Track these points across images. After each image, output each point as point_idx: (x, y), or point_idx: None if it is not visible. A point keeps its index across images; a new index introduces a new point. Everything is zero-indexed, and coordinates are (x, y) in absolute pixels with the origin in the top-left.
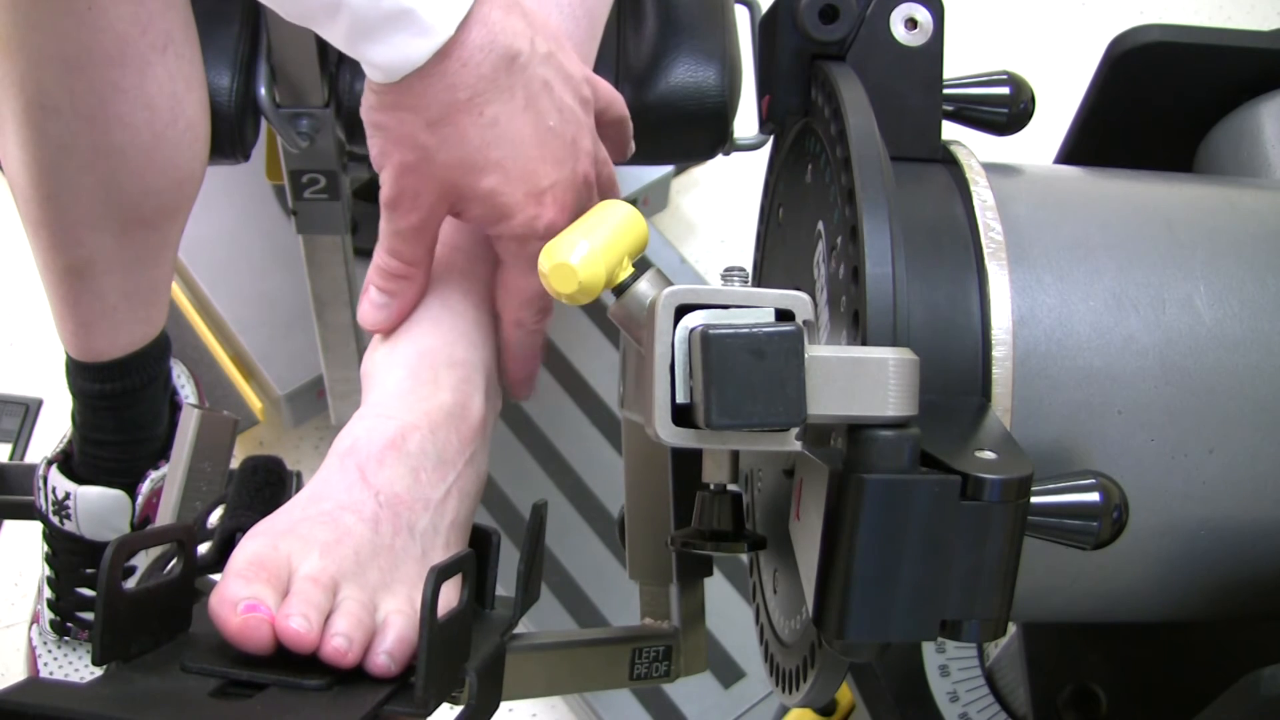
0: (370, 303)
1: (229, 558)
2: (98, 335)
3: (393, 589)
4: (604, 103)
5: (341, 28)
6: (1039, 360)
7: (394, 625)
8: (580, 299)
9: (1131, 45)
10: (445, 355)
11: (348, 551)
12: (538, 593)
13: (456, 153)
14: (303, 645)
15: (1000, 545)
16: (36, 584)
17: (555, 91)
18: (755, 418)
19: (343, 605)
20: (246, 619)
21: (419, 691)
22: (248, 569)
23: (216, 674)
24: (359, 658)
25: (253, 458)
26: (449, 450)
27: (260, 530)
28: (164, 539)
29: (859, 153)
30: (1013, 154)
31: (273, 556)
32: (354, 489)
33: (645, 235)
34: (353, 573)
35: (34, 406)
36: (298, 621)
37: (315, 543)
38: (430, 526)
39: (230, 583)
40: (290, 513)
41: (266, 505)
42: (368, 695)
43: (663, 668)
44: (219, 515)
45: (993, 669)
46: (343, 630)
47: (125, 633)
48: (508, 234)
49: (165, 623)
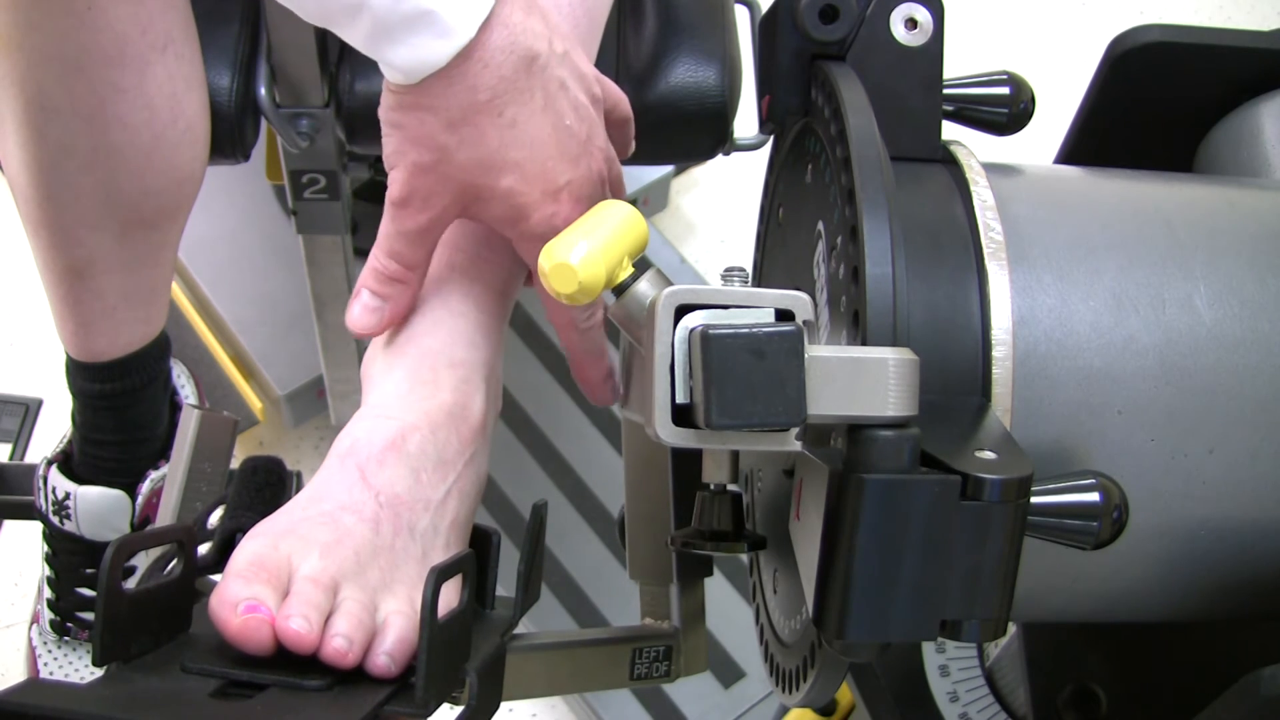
0: (363, 306)
1: (229, 558)
2: (98, 335)
3: (393, 589)
4: (611, 101)
5: (362, 29)
6: (1039, 360)
7: (394, 626)
8: (580, 299)
9: (1131, 45)
10: (445, 356)
11: (348, 552)
12: (538, 593)
13: (475, 153)
14: (303, 646)
15: (1000, 545)
16: (36, 584)
17: (571, 91)
18: (755, 418)
19: (343, 606)
20: (247, 620)
21: (419, 692)
22: (248, 570)
23: (216, 674)
24: (359, 658)
25: (253, 458)
26: (449, 451)
27: (260, 531)
28: (164, 540)
29: (859, 153)
30: (1013, 154)
31: (273, 557)
32: (354, 490)
33: (645, 235)
34: (353, 573)
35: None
36: (298, 622)
37: (315, 543)
38: (430, 527)
39: (230, 583)
40: (290, 513)
41: (267, 506)
42: (368, 695)
43: (663, 668)
44: (219, 516)
45: (993, 669)
46: (343, 631)
47: (125, 633)
48: (527, 233)
49: (165, 623)
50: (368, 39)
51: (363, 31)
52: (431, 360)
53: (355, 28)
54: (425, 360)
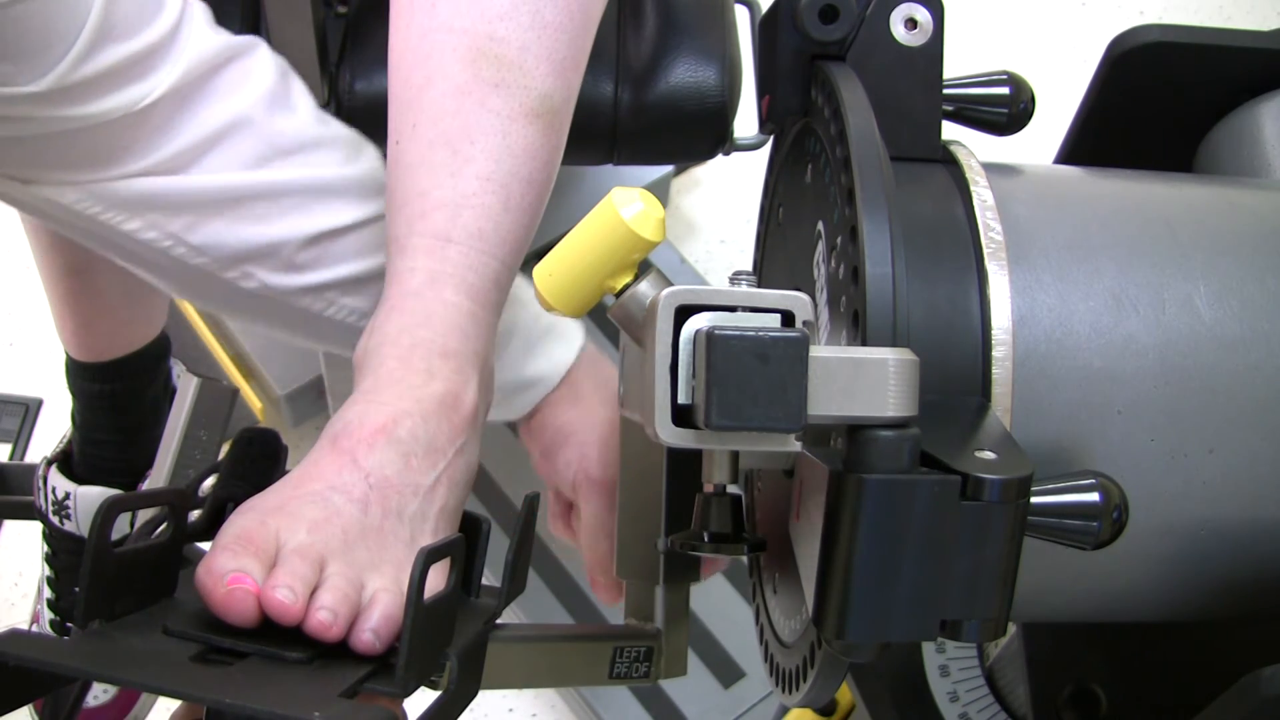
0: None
1: (218, 529)
2: (98, 335)
3: (380, 569)
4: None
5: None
6: (1039, 360)
7: (380, 603)
8: (569, 314)
9: (1131, 45)
10: (439, 346)
11: (336, 530)
12: (523, 584)
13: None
14: (288, 617)
15: (1000, 545)
16: (36, 584)
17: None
18: (755, 420)
19: (329, 580)
20: (232, 590)
21: (400, 672)
22: (235, 543)
23: (198, 639)
24: (343, 632)
25: (249, 429)
26: (440, 438)
27: (249, 507)
28: (156, 502)
29: (859, 153)
30: (1013, 154)
31: (261, 532)
32: (344, 471)
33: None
34: (340, 551)
35: (34, 406)
36: (283, 593)
37: (303, 520)
38: (419, 512)
39: (218, 556)
40: (280, 492)
41: (260, 477)
42: (348, 672)
43: (643, 669)
44: (211, 484)
45: (993, 669)
46: (328, 604)
47: (110, 592)
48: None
49: (151, 585)
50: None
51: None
52: (425, 350)
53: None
54: (418, 350)
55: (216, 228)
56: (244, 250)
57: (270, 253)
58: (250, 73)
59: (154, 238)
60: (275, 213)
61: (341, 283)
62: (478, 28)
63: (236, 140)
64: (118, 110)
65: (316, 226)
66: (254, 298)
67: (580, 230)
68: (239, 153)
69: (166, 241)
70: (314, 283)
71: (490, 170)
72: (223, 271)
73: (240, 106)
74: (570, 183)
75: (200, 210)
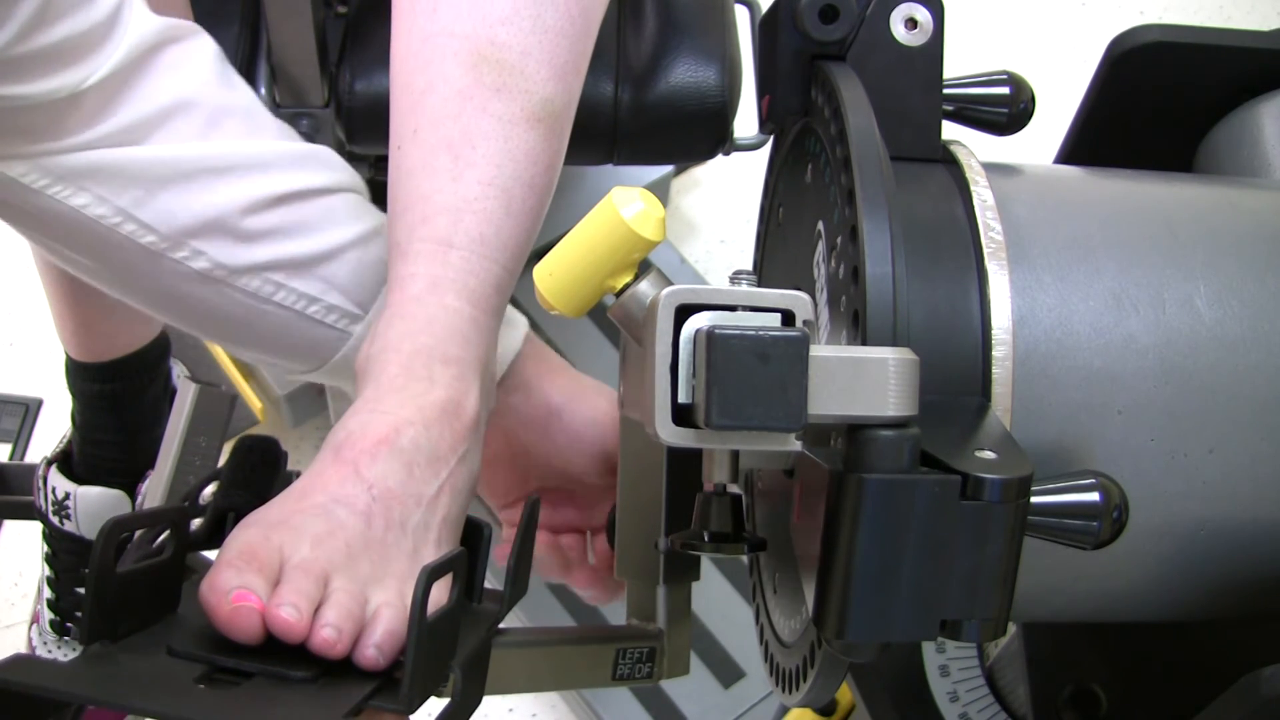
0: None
1: (221, 541)
2: (98, 335)
3: (383, 582)
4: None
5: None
6: (1039, 360)
7: (384, 618)
8: (569, 314)
9: (1131, 45)
10: (440, 352)
11: (339, 544)
12: (525, 588)
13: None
14: (292, 634)
15: (1000, 545)
16: (36, 584)
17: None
18: (755, 420)
19: (333, 596)
20: (237, 608)
21: (405, 689)
22: (239, 559)
23: (203, 660)
24: (347, 649)
25: (248, 437)
26: (442, 446)
27: (252, 520)
28: (158, 521)
29: (859, 153)
30: (1013, 154)
31: (265, 547)
32: (347, 483)
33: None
34: (344, 565)
35: (34, 406)
36: (288, 610)
37: (307, 534)
38: (422, 522)
39: (221, 572)
40: (283, 505)
41: (260, 486)
42: (353, 690)
43: (646, 669)
44: (211, 492)
45: (993, 669)
46: (332, 621)
47: (114, 613)
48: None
49: (154, 603)
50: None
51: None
52: (426, 356)
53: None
54: (419, 356)
55: (165, 200)
56: (194, 224)
57: (219, 225)
58: (192, 53)
59: (102, 213)
60: (222, 183)
61: (292, 261)
62: (479, 32)
63: (183, 116)
64: (62, 90)
65: (264, 191)
66: (201, 283)
67: (580, 230)
68: (187, 127)
69: (115, 218)
70: (263, 260)
71: (492, 175)
72: (172, 251)
73: (185, 83)
74: (570, 183)
75: (149, 184)
